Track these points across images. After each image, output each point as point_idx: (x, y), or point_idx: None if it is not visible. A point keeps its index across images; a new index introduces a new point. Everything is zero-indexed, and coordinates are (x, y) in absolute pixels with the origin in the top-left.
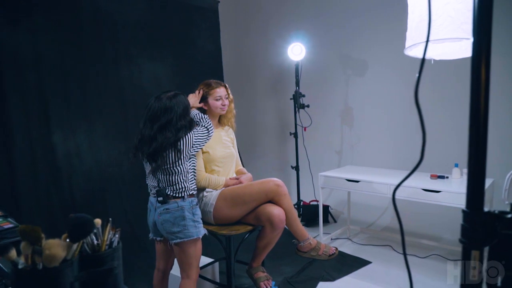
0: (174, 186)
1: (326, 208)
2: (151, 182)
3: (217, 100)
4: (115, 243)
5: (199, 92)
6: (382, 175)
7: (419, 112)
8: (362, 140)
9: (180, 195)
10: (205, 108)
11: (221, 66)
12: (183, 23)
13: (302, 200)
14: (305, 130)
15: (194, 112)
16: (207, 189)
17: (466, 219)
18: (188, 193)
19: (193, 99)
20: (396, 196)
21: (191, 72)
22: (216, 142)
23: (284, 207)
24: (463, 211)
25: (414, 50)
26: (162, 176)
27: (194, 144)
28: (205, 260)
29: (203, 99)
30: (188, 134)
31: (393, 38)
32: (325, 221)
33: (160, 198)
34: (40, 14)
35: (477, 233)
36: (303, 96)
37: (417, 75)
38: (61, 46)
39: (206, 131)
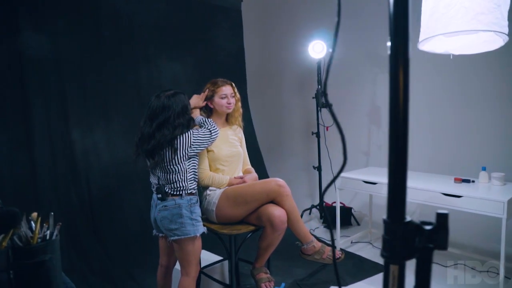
0: (173, 185)
1: (348, 210)
2: (152, 179)
3: (222, 98)
4: (53, 237)
5: (204, 92)
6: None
7: (330, 110)
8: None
9: (178, 193)
10: (211, 106)
11: (244, 65)
12: (204, 23)
13: (324, 201)
14: (327, 129)
15: (199, 118)
16: (210, 188)
17: (386, 230)
18: (186, 192)
19: (196, 99)
20: (414, 200)
21: (211, 72)
22: (222, 141)
23: (286, 208)
24: (384, 221)
25: (427, 44)
26: (161, 173)
27: (193, 144)
28: (213, 258)
29: (209, 98)
30: (186, 134)
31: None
32: (348, 223)
33: (159, 195)
34: (61, 19)
35: (396, 246)
36: (326, 94)
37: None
38: (80, 48)
39: (209, 133)
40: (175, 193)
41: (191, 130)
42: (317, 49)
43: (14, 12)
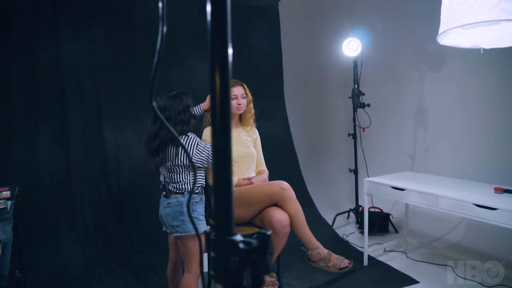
0: (176, 184)
1: (386, 216)
2: (160, 177)
3: (232, 99)
4: None
5: None
6: (440, 185)
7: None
8: (438, 144)
9: (180, 192)
10: None
11: (281, 66)
12: (238, 23)
13: (360, 206)
14: (363, 131)
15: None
16: None
17: (213, 247)
18: (188, 191)
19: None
20: (443, 210)
21: (245, 73)
22: (233, 142)
23: (289, 212)
24: (211, 239)
25: (447, 37)
26: (166, 172)
27: (196, 154)
28: None
29: None
30: (192, 137)
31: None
32: (385, 230)
33: (163, 193)
34: (97, 26)
35: (220, 264)
36: (363, 94)
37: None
38: (115, 52)
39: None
40: (177, 191)
41: (197, 138)
42: (352, 46)
43: (56, 22)
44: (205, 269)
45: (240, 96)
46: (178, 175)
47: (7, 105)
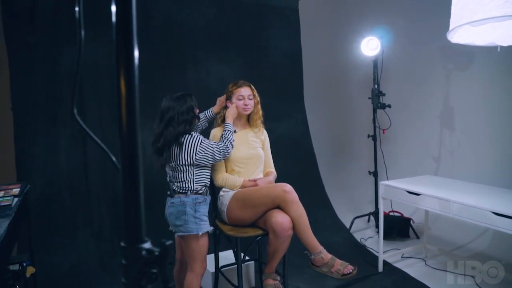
0: (180, 183)
1: (407, 221)
2: (166, 177)
3: (239, 99)
4: None
5: (226, 93)
6: (460, 190)
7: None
8: (464, 147)
9: (183, 191)
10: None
11: (301, 66)
12: (256, 24)
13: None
14: (383, 132)
15: (227, 131)
16: (224, 189)
17: (123, 255)
18: (192, 191)
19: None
20: (459, 216)
21: (263, 73)
22: (240, 142)
23: (291, 215)
24: (121, 246)
25: (457, 35)
26: (171, 172)
27: (199, 152)
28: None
29: (228, 98)
30: (195, 135)
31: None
32: (405, 235)
33: (168, 192)
34: None
35: (130, 273)
36: (383, 95)
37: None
38: None
39: (215, 151)
40: (181, 191)
41: (200, 136)
42: (371, 46)
43: (75, 25)
44: (212, 269)
45: (247, 97)
46: (182, 174)
47: (30, 106)
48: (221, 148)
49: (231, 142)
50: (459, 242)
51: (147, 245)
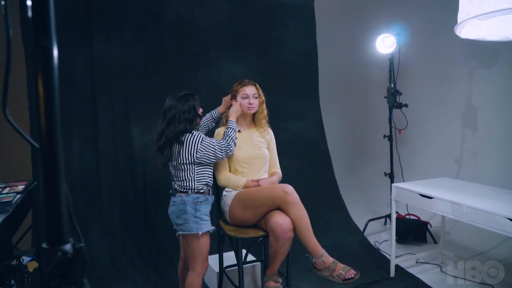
0: (181, 182)
1: (423, 225)
2: (170, 176)
3: (244, 98)
4: None
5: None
6: (477, 195)
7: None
8: (488, 148)
9: (185, 190)
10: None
11: (316, 64)
12: (270, 22)
13: (397, 212)
14: (399, 133)
15: (230, 129)
16: (227, 189)
17: (42, 256)
18: (193, 190)
19: (234, 108)
20: (473, 222)
21: (277, 72)
22: (244, 142)
23: (291, 217)
24: (42, 247)
25: (465, 29)
26: (173, 170)
27: (200, 150)
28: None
29: (234, 97)
30: (196, 134)
31: None
32: (422, 240)
33: (170, 191)
34: (128, 29)
35: (44, 275)
36: (400, 94)
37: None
38: (145, 54)
39: (216, 148)
40: (182, 190)
41: (202, 134)
42: (387, 43)
43: (90, 28)
44: (217, 269)
45: (251, 96)
46: (183, 173)
47: None
48: (222, 146)
49: (233, 140)
50: (479, 248)
51: (68, 246)
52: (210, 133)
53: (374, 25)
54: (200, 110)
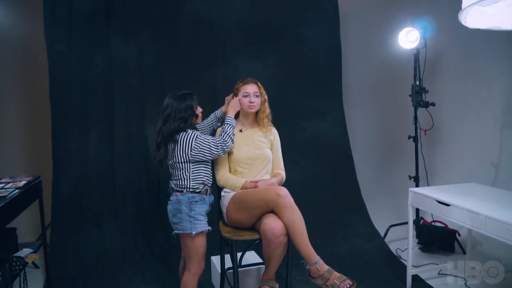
0: (177, 181)
1: (451, 233)
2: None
3: (244, 96)
4: None
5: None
6: (504, 204)
7: None
8: None
9: (180, 189)
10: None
11: (340, 62)
12: (290, 18)
13: (422, 218)
14: (425, 133)
15: (227, 125)
16: (225, 189)
17: None
18: (188, 189)
19: (232, 102)
20: (492, 235)
21: (297, 70)
22: (244, 143)
23: (284, 221)
24: None
25: (470, 17)
26: (170, 169)
27: (194, 148)
28: (252, 259)
29: (235, 95)
30: (191, 132)
31: None
32: (449, 249)
33: (168, 190)
34: (146, 30)
35: None
36: (426, 92)
37: None
38: (161, 54)
39: (211, 145)
40: (178, 189)
41: (197, 132)
42: (411, 38)
43: (108, 29)
44: (219, 270)
45: (252, 94)
46: (178, 172)
47: (65, 104)
48: (218, 142)
49: (229, 136)
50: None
51: None
52: (215, 133)
53: (399, 18)
54: (199, 110)
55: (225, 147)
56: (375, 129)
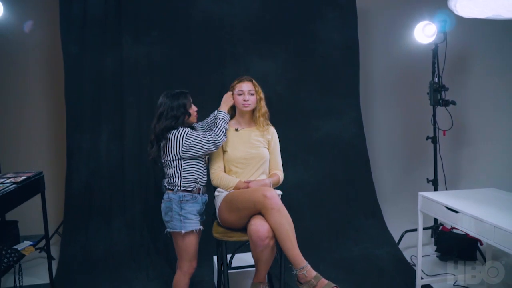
0: (169, 179)
1: (473, 242)
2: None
3: (239, 95)
4: None
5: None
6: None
7: None
8: None
9: (171, 188)
10: (234, 103)
11: (357, 59)
12: (304, 14)
13: (442, 225)
14: (444, 134)
15: (219, 119)
16: (218, 189)
17: None
18: (179, 188)
19: (226, 97)
20: (501, 246)
21: (310, 68)
22: (240, 142)
23: (270, 223)
24: None
25: (459, 5)
26: (164, 168)
27: (185, 145)
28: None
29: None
30: (181, 130)
31: None
32: (471, 258)
33: (162, 188)
34: (156, 30)
35: None
36: (446, 89)
37: None
38: (171, 53)
39: (203, 140)
40: (170, 187)
41: (187, 129)
42: (428, 32)
43: (120, 30)
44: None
45: (247, 92)
46: (170, 170)
47: (79, 103)
48: (209, 137)
49: (222, 130)
50: None
51: None
52: None
53: (420, 12)
54: (194, 109)
55: (217, 142)
56: (392, 128)
